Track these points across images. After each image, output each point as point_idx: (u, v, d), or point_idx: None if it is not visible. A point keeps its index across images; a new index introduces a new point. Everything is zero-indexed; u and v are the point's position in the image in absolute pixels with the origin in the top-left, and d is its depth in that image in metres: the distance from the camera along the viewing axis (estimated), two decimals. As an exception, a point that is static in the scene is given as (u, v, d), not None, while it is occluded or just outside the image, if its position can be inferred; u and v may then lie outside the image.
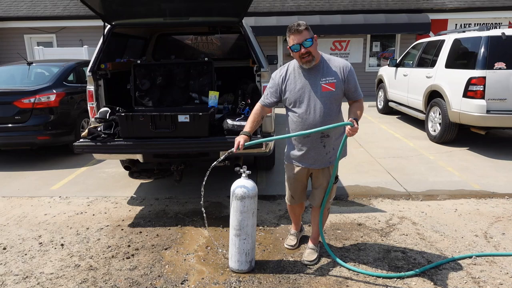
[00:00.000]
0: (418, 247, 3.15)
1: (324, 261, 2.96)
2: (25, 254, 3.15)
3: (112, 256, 3.09)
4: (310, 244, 3.07)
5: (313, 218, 3.05)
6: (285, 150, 2.86)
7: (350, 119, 2.51)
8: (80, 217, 3.87)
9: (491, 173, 4.93)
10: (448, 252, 3.08)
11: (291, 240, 3.20)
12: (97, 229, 3.60)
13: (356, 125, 2.45)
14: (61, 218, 3.86)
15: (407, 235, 3.37)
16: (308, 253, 3.00)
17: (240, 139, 2.64)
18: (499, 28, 6.03)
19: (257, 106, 2.81)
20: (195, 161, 4.09)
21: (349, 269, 2.82)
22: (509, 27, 6.01)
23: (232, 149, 2.64)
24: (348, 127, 2.46)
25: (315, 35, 2.53)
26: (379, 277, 2.73)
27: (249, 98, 4.13)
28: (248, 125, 2.74)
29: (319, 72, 2.58)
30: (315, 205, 2.92)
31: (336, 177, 2.81)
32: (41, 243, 3.34)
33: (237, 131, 3.62)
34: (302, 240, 3.27)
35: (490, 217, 3.70)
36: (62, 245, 3.30)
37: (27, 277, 2.83)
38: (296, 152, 2.75)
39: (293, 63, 2.68)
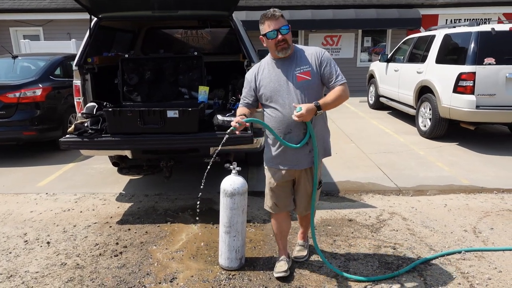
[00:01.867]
0: (408, 243, 3.16)
1: (314, 257, 2.94)
2: (10, 253, 3.08)
3: (100, 254, 3.03)
4: (299, 240, 3.03)
5: (300, 221, 2.98)
6: (264, 152, 2.64)
7: (312, 103, 2.30)
8: (67, 214, 3.80)
9: (480, 168, 4.97)
10: (437, 247, 3.09)
11: (282, 266, 2.70)
12: (84, 226, 3.54)
13: (303, 111, 2.23)
14: (47, 215, 3.78)
15: (397, 230, 3.38)
16: (299, 250, 2.96)
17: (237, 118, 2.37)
18: (489, 23, 6.06)
19: (239, 108, 2.60)
20: (185, 157, 4.04)
21: (343, 276, 2.67)
22: (498, 23, 6.05)
23: (231, 129, 2.35)
24: (295, 113, 2.27)
25: (289, 25, 2.40)
26: (370, 281, 2.64)
27: (239, 93, 4.08)
28: (239, 112, 2.53)
29: (293, 62, 2.43)
30: (301, 214, 2.77)
31: (320, 182, 2.65)
32: (27, 241, 3.27)
33: (227, 126, 3.57)
34: (292, 267, 2.82)
35: (479, 212, 3.72)
36: (48, 243, 3.23)
37: (11, 276, 2.76)
38: (277, 153, 2.50)
39: (266, 59, 2.55)
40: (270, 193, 2.65)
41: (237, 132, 2.39)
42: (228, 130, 2.38)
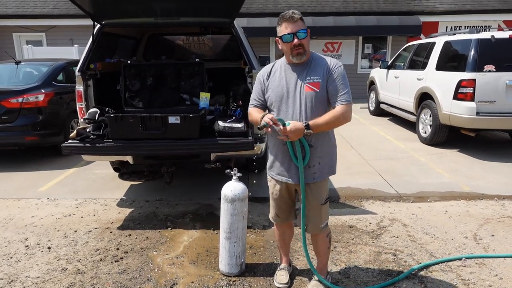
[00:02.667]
0: (409, 249, 3.16)
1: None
2: (11, 258, 3.09)
3: (101, 259, 3.04)
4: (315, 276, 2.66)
5: (314, 247, 2.63)
6: (267, 162, 2.54)
7: (302, 122, 2.19)
8: (68, 219, 3.81)
9: (481, 175, 4.98)
10: (438, 254, 3.08)
11: (282, 277, 2.68)
12: (85, 231, 3.54)
13: (290, 127, 2.12)
14: (48, 221, 3.79)
15: (397, 237, 3.38)
16: (313, 285, 2.61)
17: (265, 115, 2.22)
18: (489, 31, 6.09)
19: (250, 110, 2.47)
20: (186, 163, 4.05)
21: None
22: (498, 30, 6.08)
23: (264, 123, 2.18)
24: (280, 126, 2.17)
25: (308, 29, 2.25)
26: None
27: (240, 99, 4.10)
28: (258, 113, 2.36)
29: (305, 70, 2.29)
30: (308, 232, 2.50)
31: (327, 199, 2.47)
32: (28, 246, 3.28)
33: (228, 132, 3.59)
34: (293, 274, 2.82)
35: (479, 219, 3.72)
36: (49, 248, 3.24)
37: (12, 281, 2.76)
38: (277, 164, 2.42)
39: (280, 61, 2.44)
40: (272, 203, 2.59)
41: (268, 130, 2.22)
42: (261, 125, 2.19)
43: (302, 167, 2.30)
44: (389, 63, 8.75)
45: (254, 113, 2.39)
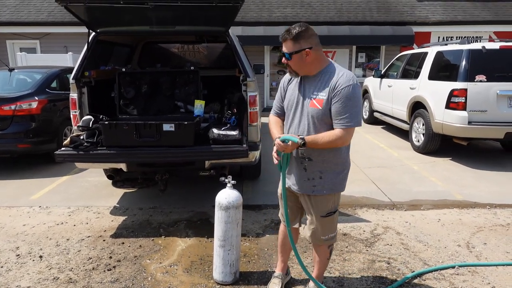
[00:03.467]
0: (402, 257, 3.17)
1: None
2: (1, 267, 3.04)
3: (93, 268, 3.01)
4: (310, 283, 2.61)
5: (313, 255, 2.58)
6: None
7: (298, 135, 2.16)
8: (61, 228, 3.77)
9: (473, 183, 5.02)
10: (431, 262, 3.10)
11: (275, 285, 2.65)
12: (77, 240, 3.51)
13: (289, 143, 2.12)
14: (40, 229, 3.75)
15: (391, 245, 3.39)
16: None
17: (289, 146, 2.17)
18: (480, 41, 6.20)
19: (271, 117, 2.47)
20: (180, 170, 4.05)
21: None
22: (489, 41, 6.19)
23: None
24: (277, 141, 2.18)
25: (307, 48, 2.11)
26: None
27: (235, 107, 4.12)
28: (276, 131, 2.36)
29: (314, 84, 2.21)
30: (310, 240, 2.48)
31: (330, 212, 2.36)
32: (19, 255, 3.23)
33: (222, 140, 3.60)
34: (289, 284, 2.79)
35: (472, 227, 3.75)
36: (40, 257, 3.19)
37: (2, 290, 2.72)
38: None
39: None
40: (280, 201, 2.55)
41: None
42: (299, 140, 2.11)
43: (284, 173, 2.30)
44: (382, 72, 8.85)
45: (272, 125, 2.40)
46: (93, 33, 4.08)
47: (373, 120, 9.32)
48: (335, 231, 2.45)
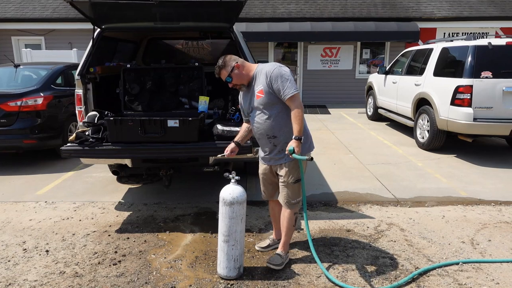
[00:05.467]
0: (406, 254, 3.17)
1: (313, 267, 2.95)
2: (8, 261, 3.08)
3: (99, 263, 3.04)
4: (277, 250, 3.04)
5: (281, 219, 3.03)
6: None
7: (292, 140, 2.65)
8: (66, 223, 3.81)
9: (478, 180, 5.00)
10: (435, 258, 3.10)
11: (263, 242, 3.29)
12: (83, 235, 3.54)
13: (293, 153, 2.60)
14: (46, 224, 3.79)
15: (395, 241, 3.39)
16: (273, 256, 2.99)
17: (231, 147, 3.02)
18: (486, 37, 6.15)
19: (243, 123, 3.11)
20: (185, 166, 4.06)
21: (338, 285, 2.72)
22: (495, 37, 6.14)
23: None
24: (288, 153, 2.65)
25: (235, 64, 2.73)
26: None
27: (238, 104, 4.12)
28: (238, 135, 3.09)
29: (254, 83, 2.80)
30: (279, 200, 3.00)
31: (299, 179, 2.85)
32: (25, 249, 3.27)
33: (227, 136, 3.61)
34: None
35: (476, 224, 3.74)
36: (47, 251, 3.23)
37: (10, 284, 2.76)
38: (261, 153, 3.01)
39: None
40: (260, 181, 3.15)
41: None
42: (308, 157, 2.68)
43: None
44: (387, 68, 8.80)
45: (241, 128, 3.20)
46: (98, 29, 4.09)
47: (377, 116, 9.29)
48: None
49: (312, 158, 2.69)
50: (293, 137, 2.64)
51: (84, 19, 3.93)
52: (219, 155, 3.08)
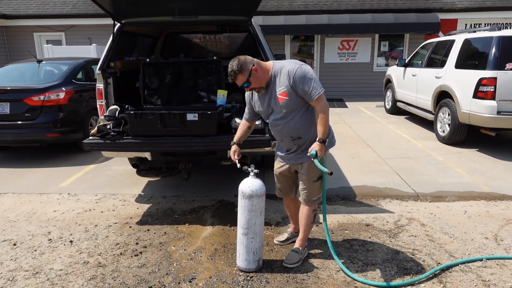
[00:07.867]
0: (427, 249, 3.13)
1: (332, 261, 2.94)
2: (35, 250, 3.18)
3: (121, 253, 3.11)
4: (294, 245, 3.01)
5: (299, 216, 2.99)
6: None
7: (315, 143, 2.60)
8: (89, 214, 3.90)
9: (501, 175, 4.88)
10: (457, 254, 3.05)
11: (281, 235, 3.30)
12: (105, 226, 3.62)
13: (317, 155, 2.56)
14: (70, 215, 3.89)
15: (415, 236, 3.35)
16: (289, 255, 2.94)
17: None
18: (510, 28, 5.95)
19: (242, 121, 3.02)
20: (203, 159, 4.10)
21: (356, 280, 2.70)
22: (520, 27, 5.94)
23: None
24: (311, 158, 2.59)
25: (253, 67, 2.56)
26: (389, 287, 2.64)
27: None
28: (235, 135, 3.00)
29: (274, 85, 2.66)
30: (299, 198, 2.95)
31: (320, 177, 2.80)
32: (51, 239, 3.37)
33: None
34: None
35: (500, 220, 3.66)
36: (71, 241, 3.32)
37: (37, 273, 2.85)
38: (279, 152, 2.97)
39: None
40: (275, 180, 3.12)
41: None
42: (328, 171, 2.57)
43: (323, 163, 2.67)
44: (406, 61, 8.63)
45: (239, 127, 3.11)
46: (118, 24, 4.14)
47: (396, 110, 9.14)
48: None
49: (331, 173, 2.57)
50: (317, 139, 2.59)
51: (104, 15, 4.00)
52: (224, 162, 3.04)
